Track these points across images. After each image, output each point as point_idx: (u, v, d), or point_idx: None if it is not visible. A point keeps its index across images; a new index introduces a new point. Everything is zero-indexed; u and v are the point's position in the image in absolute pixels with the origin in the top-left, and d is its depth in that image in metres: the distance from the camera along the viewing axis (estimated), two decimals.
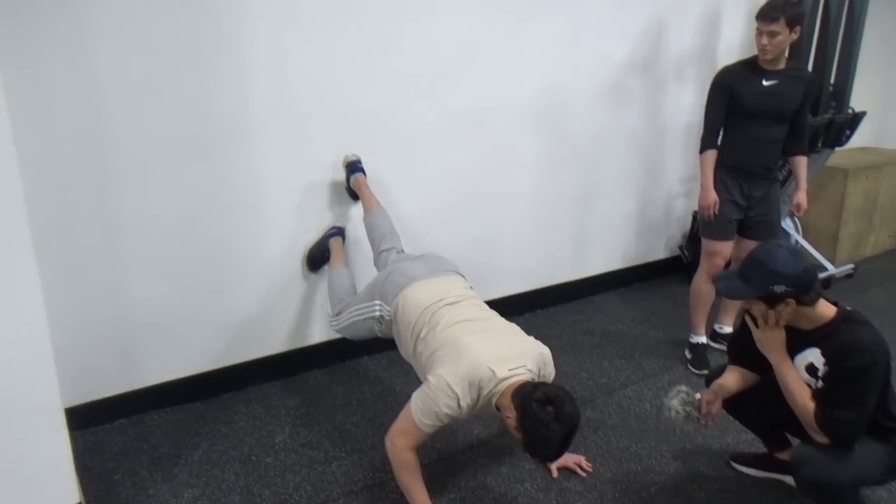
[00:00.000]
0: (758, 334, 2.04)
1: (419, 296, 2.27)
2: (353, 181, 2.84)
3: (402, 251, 2.71)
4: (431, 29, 2.97)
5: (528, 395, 1.90)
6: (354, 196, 2.92)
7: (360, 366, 3.14)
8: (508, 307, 3.67)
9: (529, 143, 3.50)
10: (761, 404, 2.21)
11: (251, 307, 2.86)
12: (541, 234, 3.72)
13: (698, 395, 2.21)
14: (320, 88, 2.73)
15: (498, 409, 2.01)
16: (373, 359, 3.19)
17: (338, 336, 3.14)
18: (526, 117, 3.43)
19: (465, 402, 1.96)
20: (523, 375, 2.00)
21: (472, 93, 3.19)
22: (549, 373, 2.18)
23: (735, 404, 2.27)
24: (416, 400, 2.01)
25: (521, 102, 3.38)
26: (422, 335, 2.17)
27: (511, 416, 1.92)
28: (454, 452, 2.52)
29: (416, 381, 2.87)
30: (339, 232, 2.91)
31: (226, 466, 2.41)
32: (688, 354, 3.26)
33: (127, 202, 2.46)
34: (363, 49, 2.81)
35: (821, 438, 1.94)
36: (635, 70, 3.76)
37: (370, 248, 2.81)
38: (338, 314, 2.60)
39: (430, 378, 2.00)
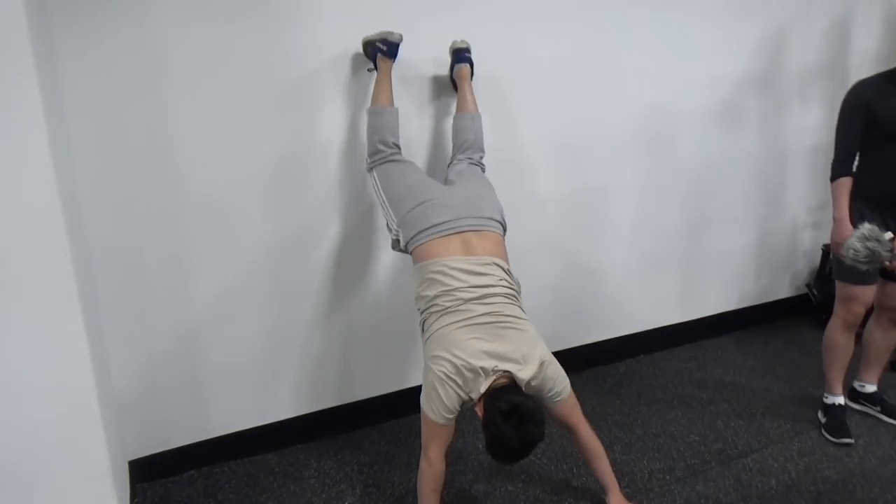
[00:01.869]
0: None
1: (434, 250, 2.15)
2: (456, 71, 2.57)
3: (475, 163, 2.54)
4: (517, 50, 2.74)
5: (494, 402, 1.94)
6: (453, 86, 2.64)
7: None
8: (607, 353, 3.36)
9: (631, 172, 3.17)
10: None
11: (326, 354, 2.69)
12: (644, 270, 3.36)
13: (889, 235, 1.99)
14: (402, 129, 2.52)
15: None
16: None
17: (416, 385, 2.94)
18: (626, 143, 3.11)
19: (464, 394, 2.01)
20: (504, 378, 2.01)
21: (565, 118, 2.92)
22: (547, 378, 2.07)
23: None
24: (425, 403, 2.04)
25: (620, 127, 3.08)
26: (432, 308, 2.12)
27: (480, 413, 2.00)
28: (517, 495, 2.23)
29: None
30: (391, 50, 2.38)
31: None
32: (822, 417, 2.79)
33: (197, 246, 2.37)
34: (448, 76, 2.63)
35: None
36: (752, 88, 3.36)
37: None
38: (371, 164, 2.39)
39: (428, 374, 2.04)
